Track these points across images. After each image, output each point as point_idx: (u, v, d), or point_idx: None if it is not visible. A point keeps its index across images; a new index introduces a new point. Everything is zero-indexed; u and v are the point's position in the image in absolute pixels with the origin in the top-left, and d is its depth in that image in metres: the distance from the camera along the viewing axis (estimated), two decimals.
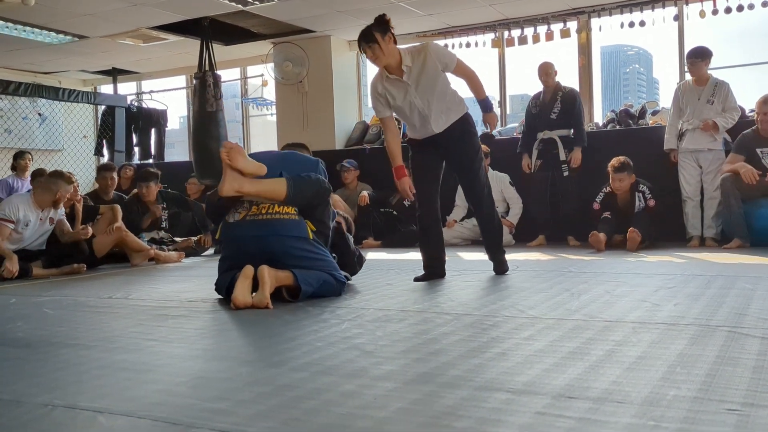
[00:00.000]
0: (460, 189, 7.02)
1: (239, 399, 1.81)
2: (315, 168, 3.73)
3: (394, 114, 4.28)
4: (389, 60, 4.00)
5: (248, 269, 3.35)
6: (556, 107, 6.49)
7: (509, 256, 5.47)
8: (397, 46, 4.03)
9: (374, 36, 3.91)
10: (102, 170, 7.02)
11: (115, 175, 7.03)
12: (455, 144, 4.17)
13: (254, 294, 3.32)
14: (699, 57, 6.00)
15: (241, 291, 3.30)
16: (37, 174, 6.02)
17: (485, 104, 4.28)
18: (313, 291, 3.45)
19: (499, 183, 6.85)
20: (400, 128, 8.08)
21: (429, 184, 4.24)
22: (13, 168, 7.93)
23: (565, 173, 6.41)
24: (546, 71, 6.54)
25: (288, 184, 3.47)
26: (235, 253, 3.51)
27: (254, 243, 3.43)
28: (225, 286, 3.55)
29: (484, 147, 5.97)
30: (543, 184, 6.55)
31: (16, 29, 7.42)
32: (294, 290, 3.42)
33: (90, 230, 5.61)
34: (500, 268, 4.39)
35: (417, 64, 4.02)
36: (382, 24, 3.96)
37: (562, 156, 6.40)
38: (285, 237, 3.45)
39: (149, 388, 1.96)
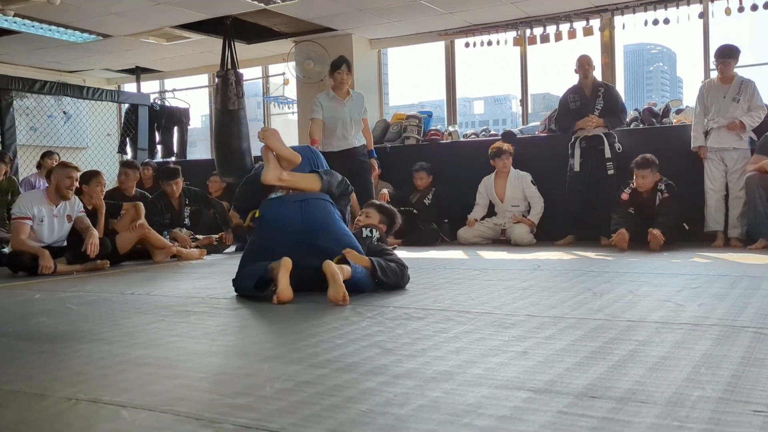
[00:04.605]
0: (480, 187, 7.00)
1: (260, 395, 1.81)
2: (318, 158, 4.02)
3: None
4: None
5: (287, 261, 3.33)
6: (598, 103, 6.35)
7: (530, 255, 5.46)
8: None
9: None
10: (124, 167, 7.06)
11: (137, 172, 7.05)
12: None
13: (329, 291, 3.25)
14: (730, 56, 5.92)
15: (286, 285, 3.29)
16: (51, 171, 6.07)
17: (370, 153, 6.24)
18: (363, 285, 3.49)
19: (521, 182, 6.80)
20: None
21: None
22: (39, 166, 8.02)
23: (610, 172, 6.27)
24: (587, 62, 6.41)
25: (322, 179, 3.75)
26: (273, 228, 3.58)
27: (296, 210, 3.60)
28: (252, 282, 3.49)
29: (508, 146, 6.96)
30: (583, 183, 6.38)
31: (41, 28, 7.51)
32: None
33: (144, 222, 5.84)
34: None
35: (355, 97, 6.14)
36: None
37: (607, 154, 6.27)
38: (322, 200, 3.69)
39: (171, 383, 1.97)
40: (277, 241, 3.52)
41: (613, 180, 6.24)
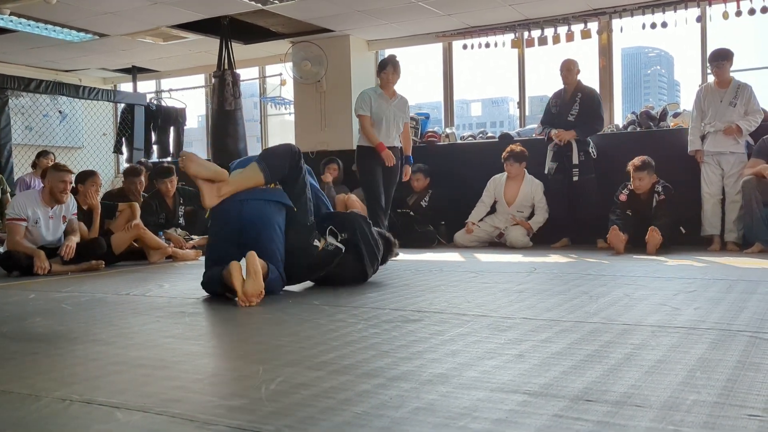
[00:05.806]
0: (489, 184, 6.94)
1: (255, 396, 1.81)
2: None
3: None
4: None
5: (234, 264, 3.33)
6: (574, 109, 6.43)
7: (527, 258, 5.46)
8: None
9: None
10: (129, 175, 6.92)
11: (143, 178, 6.89)
12: None
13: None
14: (724, 59, 5.94)
15: (242, 283, 3.30)
16: (46, 171, 6.02)
17: (408, 159, 6.30)
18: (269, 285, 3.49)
19: (533, 190, 6.75)
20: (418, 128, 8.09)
21: None
22: (34, 166, 7.99)
23: (575, 178, 6.34)
24: (567, 67, 6.48)
25: (260, 166, 3.60)
26: (219, 224, 3.62)
27: (236, 209, 3.56)
28: (215, 281, 3.55)
29: (521, 149, 6.88)
30: (559, 187, 6.49)
31: (37, 27, 7.48)
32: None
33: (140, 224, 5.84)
34: None
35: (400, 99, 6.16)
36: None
37: (575, 160, 6.35)
38: (264, 201, 3.60)
39: (166, 384, 1.96)
40: (223, 238, 3.60)
41: (583, 184, 6.32)
